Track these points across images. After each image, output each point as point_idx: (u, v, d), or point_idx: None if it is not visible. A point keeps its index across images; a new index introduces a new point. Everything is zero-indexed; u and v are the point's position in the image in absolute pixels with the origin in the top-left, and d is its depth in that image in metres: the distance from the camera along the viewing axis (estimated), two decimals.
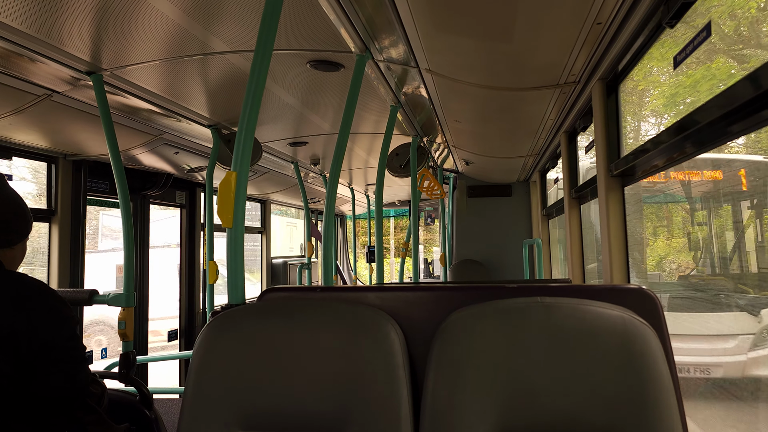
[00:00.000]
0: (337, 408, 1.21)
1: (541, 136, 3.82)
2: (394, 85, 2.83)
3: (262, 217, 7.36)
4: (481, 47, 2.18)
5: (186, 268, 5.44)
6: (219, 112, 3.30)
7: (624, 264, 2.33)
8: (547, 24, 1.90)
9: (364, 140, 4.43)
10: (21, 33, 2.00)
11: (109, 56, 2.32)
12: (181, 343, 5.42)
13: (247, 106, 1.52)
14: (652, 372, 1.11)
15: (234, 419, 1.23)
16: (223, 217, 1.48)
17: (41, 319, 1.58)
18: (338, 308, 1.29)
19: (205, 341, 1.28)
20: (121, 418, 2.07)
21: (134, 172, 4.45)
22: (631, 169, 2.25)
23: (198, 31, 2.10)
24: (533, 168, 5.32)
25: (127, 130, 3.28)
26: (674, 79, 2.63)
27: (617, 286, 1.30)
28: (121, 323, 2.67)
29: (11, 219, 1.70)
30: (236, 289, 1.50)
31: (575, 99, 2.81)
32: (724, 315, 3.68)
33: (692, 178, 4.11)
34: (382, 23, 2.05)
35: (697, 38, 1.48)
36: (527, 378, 1.15)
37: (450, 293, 1.38)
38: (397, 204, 9.73)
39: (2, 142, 3.29)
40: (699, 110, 1.55)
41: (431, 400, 1.17)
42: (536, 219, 6.02)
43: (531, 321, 1.18)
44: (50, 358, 1.60)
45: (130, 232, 2.74)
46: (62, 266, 3.75)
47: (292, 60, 2.45)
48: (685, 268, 4.47)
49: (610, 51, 2.09)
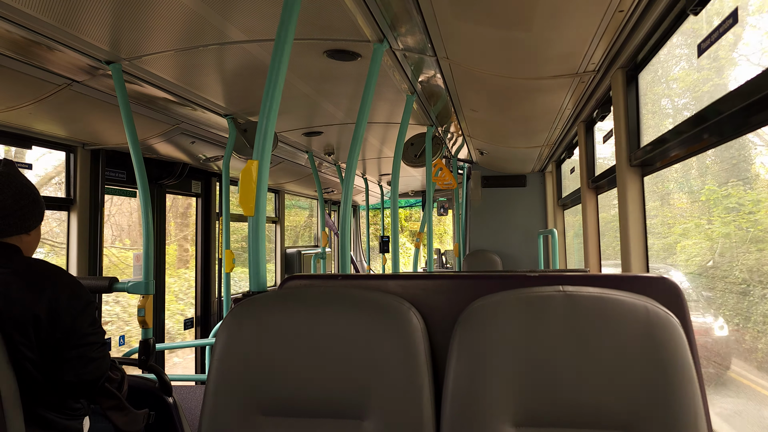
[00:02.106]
0: (359, 394, 1.22)
1: (557, 126, 3.79)
2: (410, 73, 2.81)
3: (276, 207, 7.39)
4: (499, 36, 2.16)
5: (202, 257, 5.48)
6: (235, 101, 3.31)
7: (643, 253, 2.32)
8: (568, 12, 1.88)
9: (379, 130, 4.42)
10: (41, 22, 2.02)
11: (128, 45, 2.33)
12: (196, 332, 5.47)
13: (268, 95, 1.52)
14: (676, 362, 1.10)
15: (256, 405, 1.24)
16: (245, 206, 1.49)
17: (62, 304, 1.60)
18: (359, 295, 1.29)
19: (227, 328, 1.29)
20: (140, 404, 2.10)
21: (150, 162, 4.48)
22: (651, 159, 2.23)
23: (216, 20, 2.11)
24: (548, 158, 5.29)
25: (145, 119, 3.30)
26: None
27: (640, 276, 1.29)
28: (140, 311, 2.70)
29: (28, 206, 1.72)
30: (258, 276, 1.51)
31: (594, 88, 2.78)
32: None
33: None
34: (400, 11, 2.04)
35: (723, 25, 1.46)
36: (549, 367, 1.14)
37: (470, 282, 1.38)
38: (411, 194, 9.72)
39: (22, 132, 3.32)
40: (720, 101, 1.53)
41: (453, 387, 1.17)
42: (551, 209, 5.99)
43: (553, 310, 1.17)
44: (71, 343, 1.62)
45: (149, 220, 2.77)
46: (81, 254, 3.80)
47: (308, 50, 2.44)
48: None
49: (631, 39, 2.06)
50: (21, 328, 1.54)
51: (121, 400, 1.93)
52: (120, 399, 1.93)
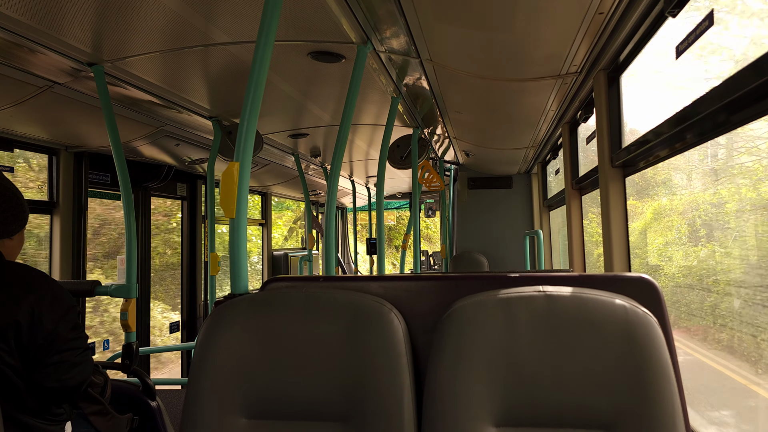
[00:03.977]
0: (340, 396, 1.22)
1: (542, 128, 3.81)
2: (395, 75, 2.82)
3: (262, 209, 7.37)
4: (482, 37, 2.18)
5: (187, 259, 5.45)
6: (220, 103, 3.30)
7: (625, 253, 2.34)
8: (549, 14, 1.90)
9: (365, 132, 4.42)
10: (22, 24, 1.99)
11: (110, 47, 2.31)
12: (182, 335, 5.43)
13: (249, 97, 1.52)
14: (654, 361, 1.11)
15: (238, 408, 1.24)
16: (225, 208, 1.48)
17: (44, 309, 1.58)
18: (341, 297, 1.29)
19: (208, 331, 1.28)
20: (124, 408, 2.09)
21: (135, 164, 4.44)
22: (633, 160, 2.25)
23: (199, 22, 2.10)
24: (534, 159, 5.32)
25: (129, 121, 3.28)
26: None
27: (619, 275, 1.30)
28: (123, 314, 2.68)
29: (11, 209, 1.71)
30: (239, 279, 1.50)
31: (577, 90, 2.81)
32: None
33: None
34: (383, 13, 2.05)
35: (699, 27, 1.48)
36: (529, 367, 1.15)
37: (452, 283, 1.39)
38: (398, 196, 9.73)
39: (4, 134, 3.28)
40: (700, 100, 1.55)
41: (434, 388, 1.18)
42: (537, 210, 6.03)
43: (533, 310, 1.18)
44: (53, 348, 1.61)
45: (131, 224, 2.75)
46: (64, 258, 3.76)
47: (292, 51, 2.44)
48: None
49: (612, 41, 2.09)
50: (2, 335, 1.52)
51: (104, 404, 1.91)
52: (103, 404, 1.91)
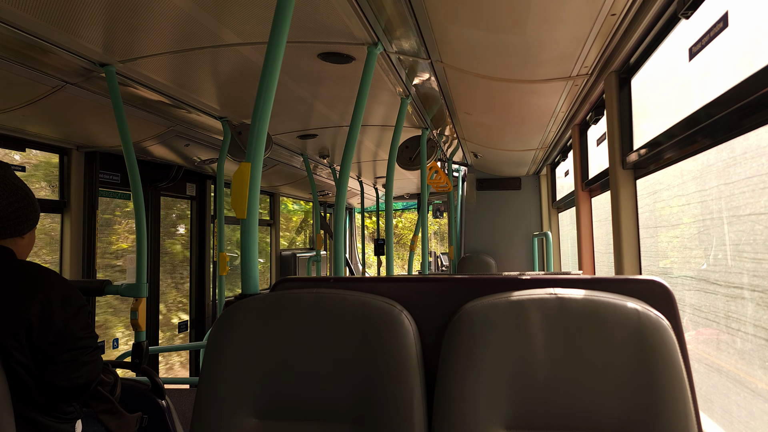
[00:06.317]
0: (351, 397, 1.22)
1: (551, 129, 3.80)
2: (404, 76, 2.82)
3: (271, 210, 7.38)
4: (492, 39, 2.17)
5: (196, 259, 5.47)
6: (230, 104, 3.31)
7: (636, 256, 2.32)
8: (561, 16, 1.89)
9: (374, 133, 4.43)
10: (35, 24, 2.01)
11: (122, 48, 2.32)
12: (191, 334, 5.45)
13: (261, 98, 1.52)
14: (667, 365, 1.10)
15: (248, 408, 1.24)
16: (237, 209, 1.48)
17: (54, 309, 1.59)
18: (351, 299, 1.29)
19: (219, 331, 1.29)
20: (133, 407, 2.10)
21: (145, 164, 4.47)
22: (644, 162, 2.24)
23: (210, 23, 2.11)
24: (543, 161, 5.30)
25: (139, 121, 3.30)
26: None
27: (631, 278, 1.29)
28: (133, 313, 2.69)
29: (23, 209, 1.72)
30: (250, 279, 1.51)
31: (587, 91, 2.79)
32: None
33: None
34: (393, 15, 2.05)
35: (714, 29, 1.47)
36: (541, 369, 1.15)
37: (463, 285, 1.38)
38: (406, 197, 9.73)
39: (16, 133, 3.31)
40: (713, 103, 1.53)
41: (444, 390, 1.17)
42: (546, 212, 6.00)
43: (545, 313, 1.17)
44: (63, 347, 1.62)
45: (142, 223, 2.76)
46: (74, 257, 3.78)
47: (302, 52, 2.45)
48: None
49: (623, 43, 2.07)
50: (13, 333, 1.53)
51: (113, 403, 1.92)
52: (113, 402, 1.92)
